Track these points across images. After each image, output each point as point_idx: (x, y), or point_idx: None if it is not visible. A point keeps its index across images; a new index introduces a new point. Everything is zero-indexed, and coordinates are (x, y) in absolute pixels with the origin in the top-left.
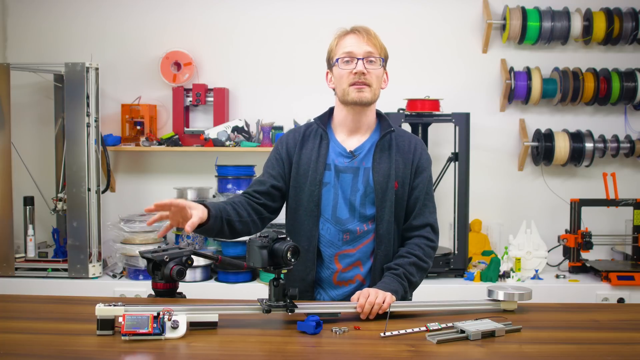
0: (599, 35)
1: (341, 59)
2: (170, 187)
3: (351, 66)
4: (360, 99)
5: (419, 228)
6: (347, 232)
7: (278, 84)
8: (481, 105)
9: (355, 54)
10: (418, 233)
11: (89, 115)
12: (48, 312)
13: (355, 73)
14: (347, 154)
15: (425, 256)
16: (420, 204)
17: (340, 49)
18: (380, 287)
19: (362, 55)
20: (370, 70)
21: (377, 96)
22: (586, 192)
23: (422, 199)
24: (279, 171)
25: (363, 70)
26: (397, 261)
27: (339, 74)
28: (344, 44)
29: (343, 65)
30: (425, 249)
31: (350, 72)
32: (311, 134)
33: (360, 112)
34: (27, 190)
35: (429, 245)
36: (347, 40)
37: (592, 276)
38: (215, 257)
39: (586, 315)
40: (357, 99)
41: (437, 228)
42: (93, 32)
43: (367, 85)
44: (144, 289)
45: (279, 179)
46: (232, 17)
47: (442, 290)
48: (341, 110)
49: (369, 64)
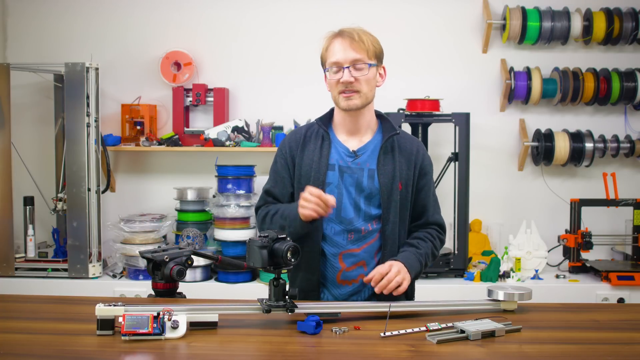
0: (599, 35)
1: (330, 69)
2: (170, 187)
3: (339, 75)
4: (349, 107)
5: (430, 225)
6: (352, 231)
7: (278, 84)
8: (481, 105)
9: (341, 63)
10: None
11: (89, 115)
12: (48, 312)
13: (342, 82)
14: (350, 154)
15: (437, 245)
16: (430, 206)
17: (329, 57)
18: (402, 260)
19: (348, 63)
20: (358, 77)
21: (369, 99)
22: (586, 192)
23: (432, 201)
24: (289, 178)
25: (349, 79)
26: (418, 241)
27: (329, 82)
28: (331, 50)
29: (331, 74)
30: (437, 240)
31: (337, 81)
32: (312, 135)
33: (355, 115)
34: (27, 190)
35: (439, 237)
36: (334, 47)
37: (592, 276)
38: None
39: (586, 315)
40: (346, 107)
41: (445, 227)
42: (93, 32)
43: (355, 92)
44: (144, 289)
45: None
46: (232, 17)
47: (442, 290)
48: (339, 113)
49: (356, 71)
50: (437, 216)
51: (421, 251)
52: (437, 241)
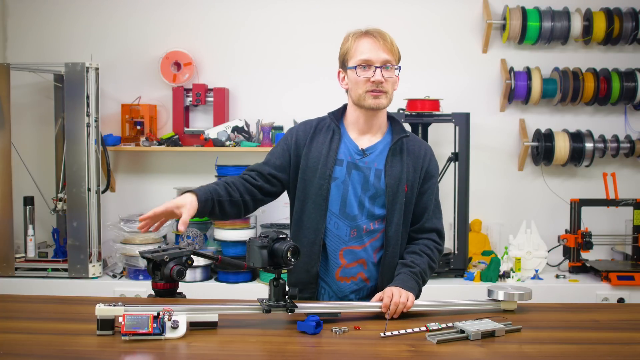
0: (599, 35)
1: (358, 66)
2: (170, 187)
3: (368, 73)
4: (377, 106)
5: (428, 232)
6: (354, 228)
7: (278, 84)
8: (481, 105)
9: (373, 62)
10: (426, 236)
11: (89, 115)
12: (48, 312)
13: (373, 82)
14: (358, 152)
15: (435, 257)
16: (430, 211)
17: (358, 54)
18: (400, 285)
19: (380, 63)
20: (387, 78)
21: (391, 101)
22: (586, 192)
23: (432, 206)
24: (283, 163)
25: (381, 79)
26: (412, 258)
27: (355, 79)
28: (361, 48)
29: (360, 71)
30: (434, 251)
31: (367, 79)
32: (323, 128)
33: (373, 115)
34: (27, 190)
35: (437, 248)
36: (364, 45)
37: (592, 276)
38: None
39: (586, 315)
40: (374, 106)
41: (443, 234)
42: (93, 32)
43: (384, 92)
44: (144, 289)
45: (281, 170)
46: (232, 17)
47: (442, 290)
48: (354, 111)
49: (386, 72)
50: (435, 221)
51: (416, 270)
52: (435, 252)
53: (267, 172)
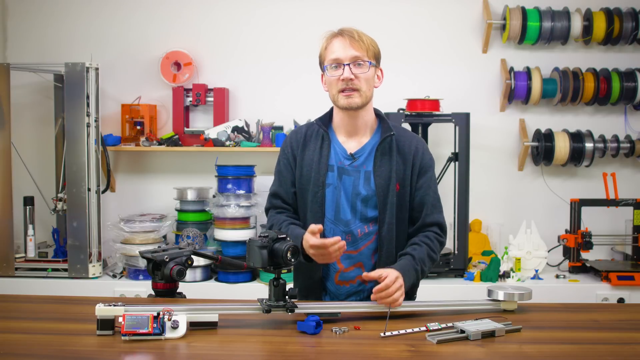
0: (599, 35)
1: (329, 65)
2: (170, 187)
3: (339, 72)
4: (350, 105)
5: (429, 226)
6: (348, 233)
7: (278, 84)
8: (481, 105)
9: (341, 60)
10: (428, 230)
11: (89, 115)
12: (48, 312)
13: (343, 79)
14: (347, 156)
15: (435, 247)
16: (429, 205)
17: (328, 55)
18: (398, 269)
19: (349, 60)
20: (358, 75)
21: (368, 98)
22: (586, 192)
23: (431, 200)
24: (293, 177)
25: (350, 76)
26: (412, 247)
27: (329, 80)
28: (331, 48)
29: (331, 71)
30: (435, 242)
31: (338, 78)
32: (312, 135)
33: (354, 115)
34: (27, 190)
35: (438, 239)
36: (334, 45)
37: (592, 276)
38: (215, 257)
39: (586, 315)
40: (347, 105)
41: (445, 227)
42: (93, 32)
43: (355, 90)
44: (144, 289)
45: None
46: (232, 17)
47: (442, 290)
48: (338, 113)
49: (357, 68)
50: (436, 216)
51: (416, 259)
52: (435, 243)
53: (291, 192)
